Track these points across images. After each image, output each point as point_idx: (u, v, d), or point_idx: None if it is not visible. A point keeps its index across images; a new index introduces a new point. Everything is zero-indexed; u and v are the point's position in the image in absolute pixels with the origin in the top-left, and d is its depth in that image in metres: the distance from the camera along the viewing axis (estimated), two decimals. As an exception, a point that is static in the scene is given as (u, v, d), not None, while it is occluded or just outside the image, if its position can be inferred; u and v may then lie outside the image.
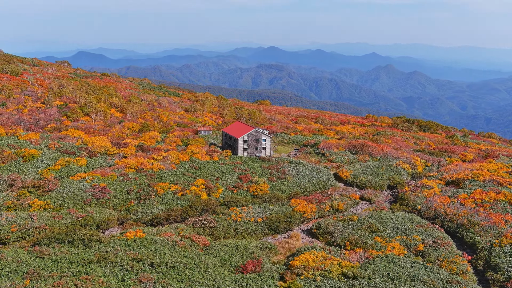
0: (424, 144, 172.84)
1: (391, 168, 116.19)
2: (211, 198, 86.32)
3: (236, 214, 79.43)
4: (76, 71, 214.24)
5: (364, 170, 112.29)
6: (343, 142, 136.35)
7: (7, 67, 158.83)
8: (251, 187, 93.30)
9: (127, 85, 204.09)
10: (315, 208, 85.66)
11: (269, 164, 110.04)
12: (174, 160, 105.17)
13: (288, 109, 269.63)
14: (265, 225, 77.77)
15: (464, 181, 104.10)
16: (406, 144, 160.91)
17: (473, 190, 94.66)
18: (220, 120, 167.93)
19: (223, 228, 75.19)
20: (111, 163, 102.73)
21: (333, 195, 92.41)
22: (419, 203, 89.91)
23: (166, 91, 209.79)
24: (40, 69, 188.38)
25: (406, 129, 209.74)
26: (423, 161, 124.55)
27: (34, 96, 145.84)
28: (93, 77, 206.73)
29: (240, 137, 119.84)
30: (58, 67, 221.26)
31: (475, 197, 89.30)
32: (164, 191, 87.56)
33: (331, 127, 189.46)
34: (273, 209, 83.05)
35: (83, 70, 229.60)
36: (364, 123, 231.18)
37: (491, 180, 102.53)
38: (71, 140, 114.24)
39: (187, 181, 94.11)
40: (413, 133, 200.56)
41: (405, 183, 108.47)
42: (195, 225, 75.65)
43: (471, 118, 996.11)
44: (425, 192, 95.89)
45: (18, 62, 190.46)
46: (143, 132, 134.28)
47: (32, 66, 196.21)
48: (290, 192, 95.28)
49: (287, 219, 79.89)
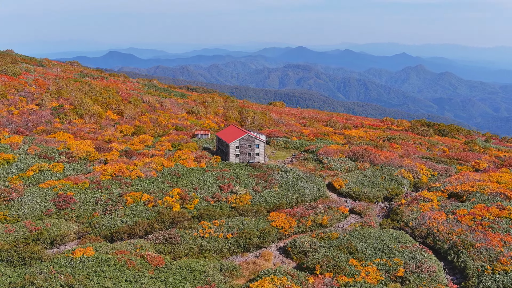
0: (437, 150, 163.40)
1: (391, 177, 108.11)
2: (182, 210, 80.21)
3: (204, 229, 73.11)
4: (82, 71, 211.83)
5: (361, 180, 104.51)
6: (344, 148, 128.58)
7: (6, 68, 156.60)
8: (231, 198, 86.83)
9: (131, 86, 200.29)
10: (294, 223, 78.67)
11: (257, 172, 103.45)
12: (156, 166, 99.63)
13: (302, 111, 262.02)
14: (235, 242, 71.18)
15: (468, 194, 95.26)
16: (416, 150, 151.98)
17: (474, 205, 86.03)
18: (223, 123, 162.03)
19: (186, 245, 68.94)
20: (90, 169, 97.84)
21: (318, 208, 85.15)
22: (412, 219, 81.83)
23: (172, 92, 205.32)
24: (44, 69, 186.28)
25: (422, 133, 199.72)
26: (429, 170, 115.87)
27: (30, 97, 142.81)
28: (98, 78, 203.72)
29: (231, 142, 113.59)
30: (66, 67, 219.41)
31: (474, 213, 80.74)
32: (134, 202, 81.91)
33: (340, 131, 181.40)
34: (247, 224, 76.42)
35: (91, 70, 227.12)
36: (380, 126, 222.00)
37: (498, 193, 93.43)
38: (54, 144, 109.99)
39: (163, 190, 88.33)
40: (429, 137, 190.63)
41: (404, 195, 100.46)
42: (158, 241, 69.65)
43: (504, 120, 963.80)
44: (421, 206, 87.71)
45: (23, 62, 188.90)
46: (136, 136, 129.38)
47: (38, 66, 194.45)
48: (274, 203, 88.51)
49: (261, 235, 73.16)
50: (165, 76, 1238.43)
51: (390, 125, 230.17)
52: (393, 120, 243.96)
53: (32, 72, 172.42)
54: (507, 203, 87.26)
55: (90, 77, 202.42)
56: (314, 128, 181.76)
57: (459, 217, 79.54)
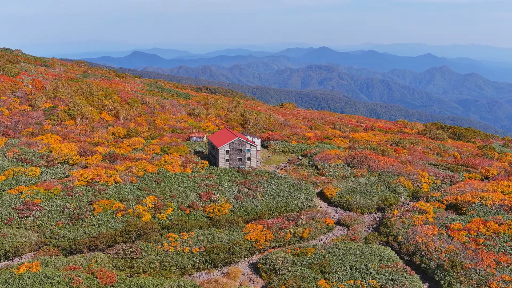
0: (448, 155, 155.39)
1: (389, 185, 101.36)
2: (152, 221, 75.18)
3: (170, 242, 67.98)
4: (86, 71, 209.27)
5: (354, 188, 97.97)
6: (343, 154, 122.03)
7: (4, 68, 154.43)
8: (208, 207, 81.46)
9: (134, 86, 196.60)
10: (271, 236, 72.89)
11: (244, 178, 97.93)
12: (137, 172, 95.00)
13: (312, 112, 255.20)
14: (201, 257, 65.76)
15: (468, 205, 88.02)
16: (424, 155, 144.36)
17: (471, 218, 78.96)
18: (223, 125, 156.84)
19: (147, 260, 63.80)
20: (67, 173, 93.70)
21: (300, 219, 79.20)
22: (402, 233, 75.20)
23: (175, 93, 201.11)
24: (46, 69, 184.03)
25: (434, 137, 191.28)
26: (431, 177, 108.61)
27: (25, 97, 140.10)
28: (102, 78, 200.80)
29: (221, 146, 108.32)
30: (71, 67, 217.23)
31: (470, 228, 73.71)
32: (103, 210, 77.25)
33: (347, 134, 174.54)
34: (219, 237, 70.98)
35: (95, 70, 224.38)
36: (392, 129, 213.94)
37: (501, 205, 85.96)
38: (37, 147, 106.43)
39: (138, 198, 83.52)
40: (441, 142, 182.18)
41: (400, 205, 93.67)
42: (117, 255, 64.69)
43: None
44: (414, 219, 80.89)
45: (26, 62, 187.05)
46: (127, 138, 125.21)
47: (41, 66, 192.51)
48: (256, 213, 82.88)
49: (231, 249, 67.63)
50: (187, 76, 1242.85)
51: (403, 128, 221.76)
52: (407, 123, 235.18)
53: (32, 72, 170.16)
54: (509, 216, 79.97)
55: (93, 77, 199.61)
56: (319, 131, 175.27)
57: (452, 232, 72.66)
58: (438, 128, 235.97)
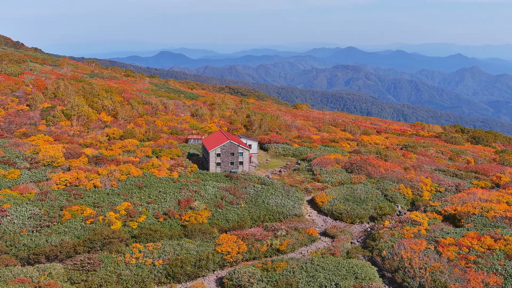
0: (461, 160, 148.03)
1: (386, 193, 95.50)
2: (120, 230, 71.25)
3: (133, 254, 63.97)
4: (93, 71, 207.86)
5: (348, 195, 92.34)
6: (342, 158, 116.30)
7: (6, 67, 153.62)
8: (185, 215, 77.20)
9: (141, 86, 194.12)
10: (245, 248, 68.17)
11: (231, 184, 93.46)
12: (120, 175, 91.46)
13: (326, 113, 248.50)
14: (163, 271, 61.40)
15: (467, 217, 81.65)
16: (433, 160, 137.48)
17: (466, 232, 72.68)
18: (227, 127, 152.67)
19: (104, 273, 59.78)
20: (48, 177, 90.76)
21: (280, 229, 74.26)
22: (387, 247, 69.48)
23: (182, 92, 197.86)
24: (53, 69, 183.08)
25: (450, 140, 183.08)
26: (434, 185, 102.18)
27: (24, 97, 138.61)
28: (109, 78, 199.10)
29: (212, 149, 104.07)
30: (81, 67, 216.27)
31: (462, 244, 67.51)
32: (72, 217, 73.76)
33: (356, 137, 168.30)
34: (187, 248, 66.66)
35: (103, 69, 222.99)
36: (407, 131, 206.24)
37: (503, 217, 79.35)
38: (24, 148, 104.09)
39: (113, 204, 79.83)
40: (456, 145, 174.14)
41: (395, 215, 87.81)
42: (74, 266, 60.94)
43: None
44: (405, 231, 75.03)
45: (33, 61, 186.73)
46: (121, 140, 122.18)
47: (50, 66, 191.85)
48: (236, 222, 78.25)
49: (197, 262, 63.14)
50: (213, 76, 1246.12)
51: (419, 131, 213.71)
52: (424, 125, 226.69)
53: (37, 71, 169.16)
54: (508, 230, 73.41)
55: (100, 77, 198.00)
56: (328, 133, 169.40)
57: (441, 247, 66.58)
58: (457, 131, 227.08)
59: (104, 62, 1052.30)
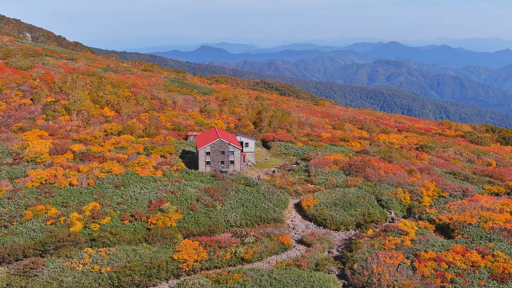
0: (481, 162, 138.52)
1: (381, 198, 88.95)
2: (76, 232, 67.88)
3: (82, 259, 60.43)
4: (109, 65, 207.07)
5: (337, 200, 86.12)
6: (342, 159, 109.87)
7: (16, 61, 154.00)
8: (153, 218, 73.27)
9: (153, 81, 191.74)
10: (205, 255, 63.53)
11: (213, 184, 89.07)
12: (99, 173, 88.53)
13: (348, 110, 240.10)
14: (108, 280, 57.39)
15: (462, 227, 74.42)
16: (449, 162, 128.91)
17: (453, 245, 65.75)
18: (234, 123, 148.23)
19: (44, 279, 56.29)
20: (26, 173, 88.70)
21: (248, 236, 69.30)
22: (361, 259, 63.46)
23: (196, 87, 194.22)
24: (67, 63, 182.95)
25: (475, 140, 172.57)
26: (437, 189, 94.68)
27: (29, 91, 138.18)
28: (123, 72, 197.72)
29: (201, 148, 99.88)
30: (98, 61, 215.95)
31: (442, 259, 60.74)
32: (34, 217, 71.07)
33: (373, 135, 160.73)
34: (142, 254, 62.62)
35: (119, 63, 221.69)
36: (432, 130, 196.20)
37: (501, 229, 71.84)
38: (13, 143, 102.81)
39: (81, 203, 76.79)
40: (481, 146, 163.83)
41: (382, 223, 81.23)
42: (17, 271, 57.88)
43: None
44: (386, 241, 68.80)
45: (49, 55, 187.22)
46: (118, 135, 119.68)
47: (66, 60, 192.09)
48: (207, 226, 73.73)
49: (146, 271, 58.98)
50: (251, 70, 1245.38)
51: (446, 130, 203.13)
52: (451, 124, 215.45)
53: (49, 65, 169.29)
54: (502, 244, 66.06)
55: (114, 71, 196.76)
56: (342, 131, 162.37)
57: (417, 262, 60.08)
58: (487, 131, 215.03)
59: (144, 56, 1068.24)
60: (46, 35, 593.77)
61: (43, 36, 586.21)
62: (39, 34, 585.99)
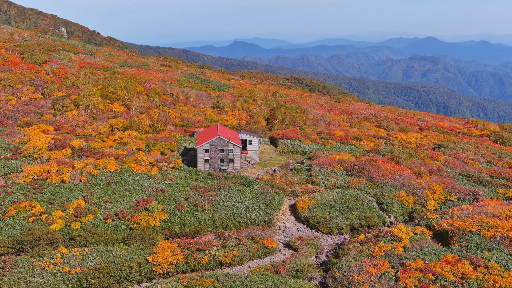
0: (502, 164, 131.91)
1: (381, 201, 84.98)
2: (57, 231, 66.79)
3: (54, 258, 59.09)
4: (126, 60, 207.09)
5: (334, 201, 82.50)
6: (348, 159, 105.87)
7: (31, 56, 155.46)
8: (137, 217, 71.53)
9: (169, 76, 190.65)
10: (182, 258, 61.34)
11: (207, 183, 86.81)
12: (93, 170, 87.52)
13: (372, 107, 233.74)
14: (76, 281, 55.81)
15: (462, 234, 69.97)
16: (464, 163, 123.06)
17: (446, 255, 61.56)
18: (245, 120, 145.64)
19: (11, 280, 54.85)
20: (21, 169, 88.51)
21: (231, 238, 66.75)
22: (344, 267, 59.99)
23: (212, 83, 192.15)
24: (84, 57, 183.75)
25: (499, 140, 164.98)
26: (444, 193, 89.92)
27: (42, 86, 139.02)
28: (140, 67, 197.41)
29: (200, 145, 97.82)
30: (116, 56, 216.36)
31: (429, 270, 56.70)
32: (16, 214, 70.33)
33: (389, 134, 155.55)
34: (116, 255, 60.87)
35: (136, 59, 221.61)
36: (456, 129, 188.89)
37: (503, 238, 67.14)
38: (15, 138, 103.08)
39: (68, 201, 75.76)
40: (505, 147, 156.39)
41: (380, 228, 77.34)
42: (-14, 270, 57.06)
43: None
44: (376, 248, 65.16)
45: (68, 50, 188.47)
46: (123, 131, 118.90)
47: (84, 54, 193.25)
48: (193, 227, 71.57)
49: (117, 273, 57.15)
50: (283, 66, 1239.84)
51: (471, 129, 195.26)
52: (478, 123, 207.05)
53: (65, 60, 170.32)
54: (501, 254, 61.51)
55: (131, 66, 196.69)
56: (359, 129, 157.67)
57: (401, 273, 56.31)
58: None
59: (177, 51, 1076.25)
60: (80, 30, 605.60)
61: (78, 31, 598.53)
62: (74, 29, 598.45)
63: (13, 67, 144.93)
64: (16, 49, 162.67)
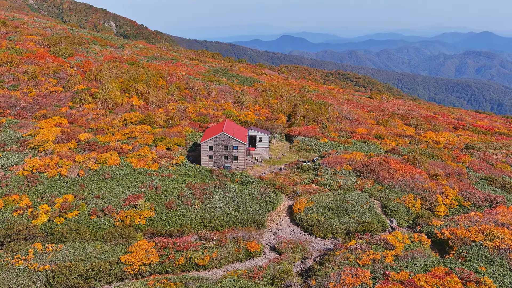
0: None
1: (386, 205, 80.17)
2: (39, 225, 66.26)
3: (26, 254, 58.36)
4: (154, 54, 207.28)
5: (333, 204, 78.34)
6: (360, 158, 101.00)
7: (58, 49, 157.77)
8: (122, 214, 70.16)
9: (195, 70, 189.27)
10: (156, 258, 59.37)
11: (204, 181, 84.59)
12: (92, 164, 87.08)
13: (406, 104, 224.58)
14: (44, 279, 54.83)
15: (463, 244, 64.67)
16: (492, 166, 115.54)
17: (435, 267, 56.72)
18: (265, 116, 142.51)
19: (-22, 274, 54.99)
20: (23, 161, 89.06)
21: (211, 240, 64.22)
22: (323, 275, 56.28)
23: (237, 77, 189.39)
24: (112, 51, 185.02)
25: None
26: (458, 197, 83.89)
27: (64, 79, 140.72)
28: (167, 61, 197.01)
29: (203, 141, 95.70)
30: (146, 49, 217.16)
31: (411, 283, 52.22)
32: (4, 207, 70.38)
33: (418, 132, 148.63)
34: (89, 253, 59.57)
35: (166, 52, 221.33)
36: (494, 129, 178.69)
37: (508, 250, 61.54)
38: (26, 130, 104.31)
39: (58, 195, 75.39)
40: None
41: (379, 233, 72.76)
42: (-41, 263, 56.96)
43: None
44: (364, 256, 61.00)
45: (97, 44, 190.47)
46: (135, 125, 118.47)
47: (114, 48, 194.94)
48: (179, 226, 69.54)
49: (86, 272, 55.77)
50: (331, 60, 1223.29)
51: (510, 129, 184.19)
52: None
53: (92, 54, 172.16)
54: (501, 268, 56.19)
55: (158, 60, 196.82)
56: (385, 127, 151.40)
57: (379, 285, 52.15)
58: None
59: (224, 45, 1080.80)
60: (129, 24, 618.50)
61: (126, 25, 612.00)
62: (123, 23, 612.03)
63: (39, 60, 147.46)
64: (45, 42, 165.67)
